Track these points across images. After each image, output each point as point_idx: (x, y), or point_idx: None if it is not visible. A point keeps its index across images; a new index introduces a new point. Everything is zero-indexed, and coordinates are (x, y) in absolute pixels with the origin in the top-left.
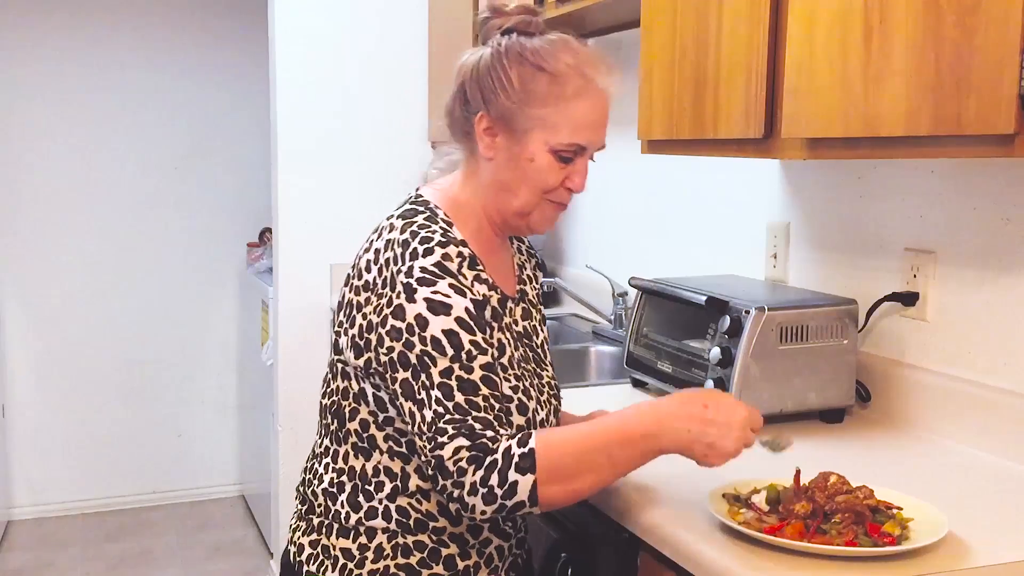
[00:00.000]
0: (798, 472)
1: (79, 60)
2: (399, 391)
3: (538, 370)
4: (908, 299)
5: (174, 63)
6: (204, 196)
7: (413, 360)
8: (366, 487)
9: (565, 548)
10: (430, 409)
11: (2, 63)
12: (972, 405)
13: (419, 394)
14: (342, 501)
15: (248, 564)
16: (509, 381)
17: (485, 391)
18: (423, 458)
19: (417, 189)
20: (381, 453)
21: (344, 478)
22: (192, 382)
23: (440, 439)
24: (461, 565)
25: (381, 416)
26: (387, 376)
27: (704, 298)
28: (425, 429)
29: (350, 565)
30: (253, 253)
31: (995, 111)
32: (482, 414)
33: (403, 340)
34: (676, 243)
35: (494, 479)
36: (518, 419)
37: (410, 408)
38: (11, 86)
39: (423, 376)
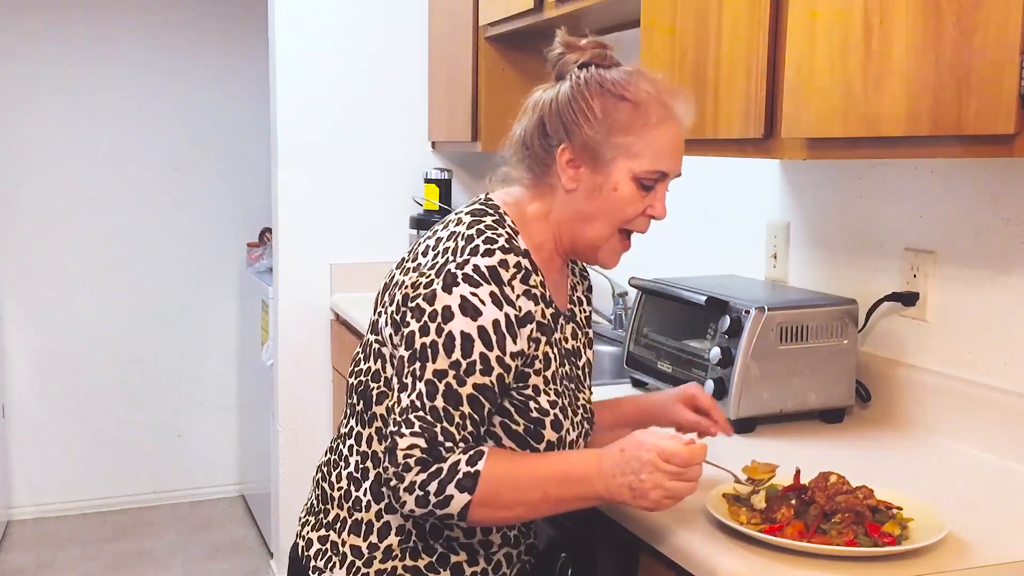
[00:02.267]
0: (798, 472)
1: (79, 60)
2: (394, 364)
3: (577, 391)
4: (908, 299)
5: (174, 63)
6: (204, 196)
7: (417, 345)
8: None
9: (565, 548)
10: (408, 397)
11: (2, 63)
12: (972, 405)
13: (406, 377)
14: (365, 488)
15: (248, 564)
16: (549, 396)
17: (466, 409)
18: (382, 437)
19: (487, 194)
20: None
21: (368, 463)
22: (192, 382)
23: (403, 429)
24: (468, 571)
25: None
26: (392, 348)
27: (704, 298)
28: (397, 412)
29: (358, 563)
30: (253, 253)
31: (995, 111)
32: (451, 428)
33: (421, 323)
34: (676, 243)
35: (433, 486)
36: (550, 435)
37: (395, 386)
38: (11, 86)
39: (418, 364)
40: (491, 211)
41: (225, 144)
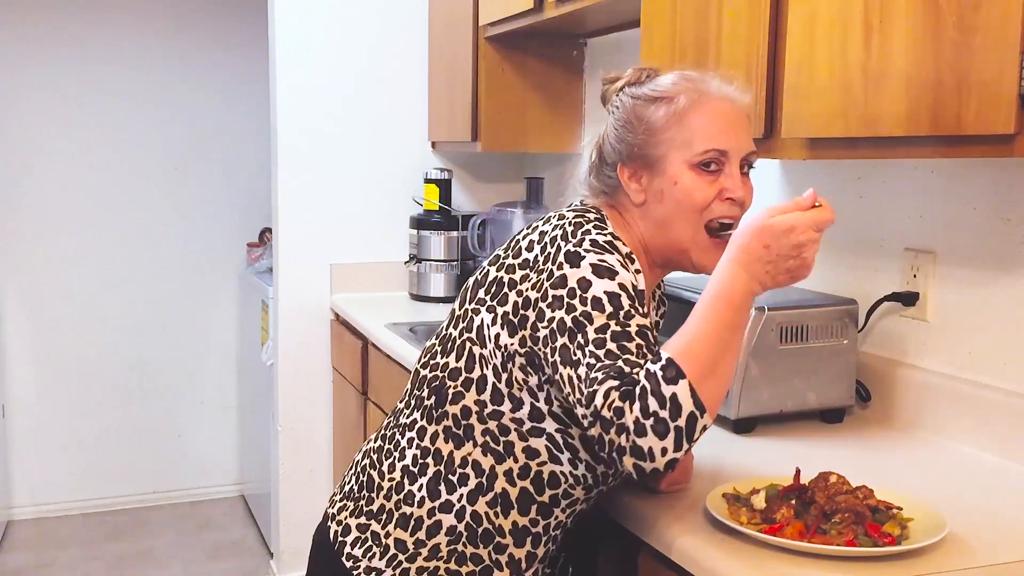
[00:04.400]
0: (798, 472)
1: (79, 60)
2: (558, 361)
3: None
4: (908, 299)
5: (174, 63)
6: (204, 196)
7: (570, 324)
8: (449, 476)
9: (565, 548)
10: (583, 365)
11: (2, 63)
12: (972, 405)
13: (575, 354)
14: (421, 484)
15: (248, 564)
16: None
17: (638, 341)
18: (586, 424)
19: (581, 200)
20: (475, 445)
21: (429, 459)
22: (192, 382)
23: (592, 388)
24: None
25: (489, 408)
26: (546, 351)
27: None
28: (582, 387)
29: (400, 557)
30: (253, 253)
31: (995, 111)
32: (633, 358)
33: (564, 306)
34: None
35: (653, 404)
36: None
37: (568, 374)
38: (11, 86)
39: (579, 336)
40: (593, 211)
41: (225, 144)
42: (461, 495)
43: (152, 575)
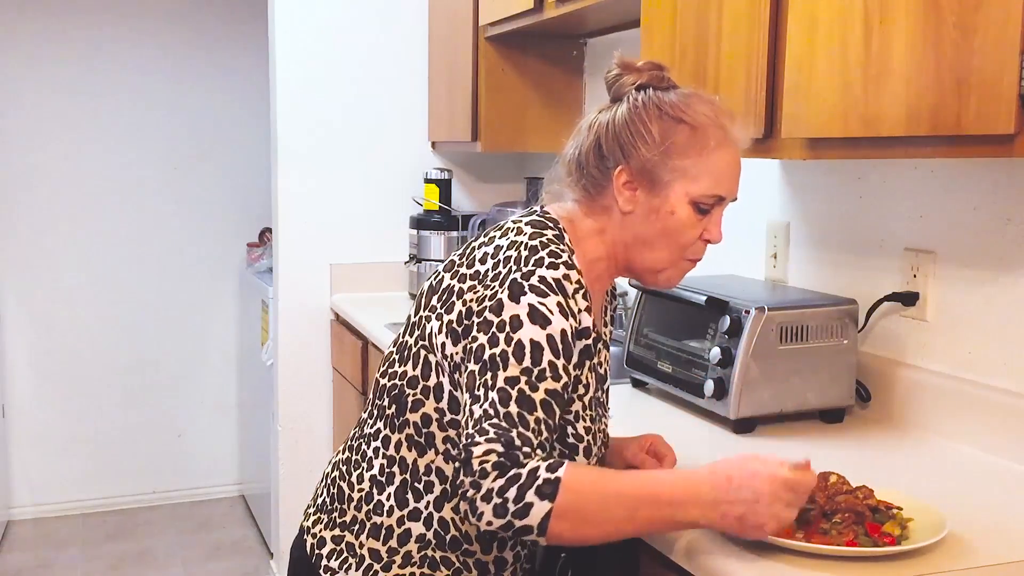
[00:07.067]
0: None
1: (79, 60)
2: (463, 382)
3: (601, 418)
4: (908, 299)
5: (174, 63)
6: (204, 196)
7: (486, 357)
8: (415, 484)
9: (565, 548)
10: (480, 407)
11: (2, 63)
12: (972, 405)
13: (478, 390)
14: (389, 493)
15: (248, 564)
16: (584, 422)
17: (540, 414)
18: (456, 450)
19: (542, 206)
20: (436, 453)
21: (395, 468)
22: (192, 382)
23: (477, 438)
24: None
25: (448, 416)
26: (462, 365)
27: (704, 298)
28: (470, 424)
29: (376, 566)
30: (253, 253)
31: (995, 111)
32: (527, 433)
33: (489, 335)
34: None
35: (511, 493)
36: (582, 461)
37: (465, 399)
38: (11, 86)
39: (488, 375)
40: (551, 225)
41: (225, 144)
42: (428, 502)
43: (152, 575)
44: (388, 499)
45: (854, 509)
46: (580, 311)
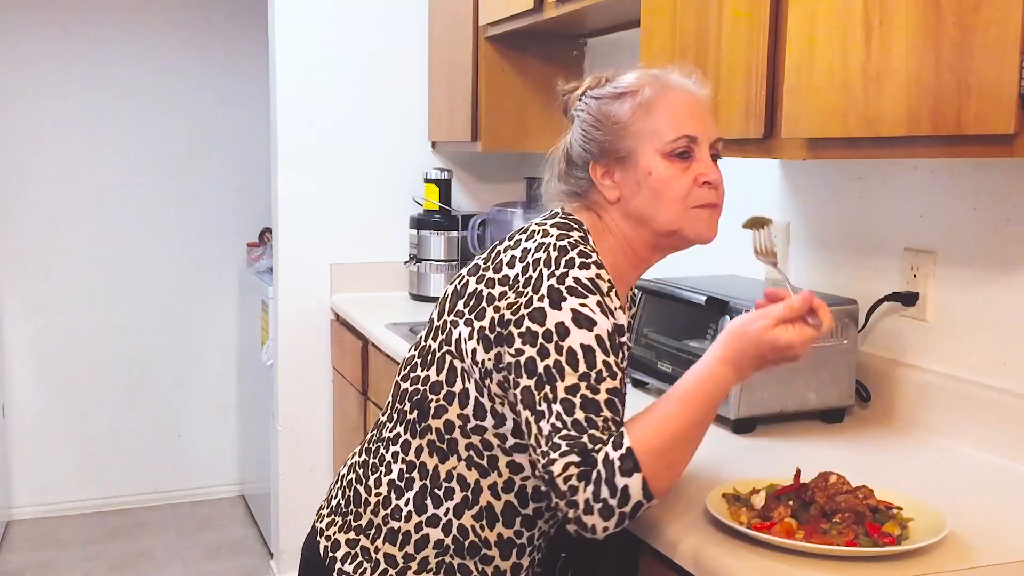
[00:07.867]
0: (798, 472)
1: (79, 60)
2: (519, 397)
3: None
4: (908, 299)
5: (174, 63)
6: (204, 196)
7: (540, 369)
8: (435, 490)
9: (565, 547)
10: (547, 422)
11: (2, 63)
12: (972, 405)
13: (539, 405)
14: (408, 499)
15: (248, 564)
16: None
17: (607, 413)
18: (537, 472)
19: (563, 208)
20: (459, 459)
21: (415, 474)
22: (192, 382)
23: (553, 455)
24: None
25: (472, 423)
26: (511, 378)
27: (704, 298)
28: (542, 442)
29: (391, 571)
30: (253, 253)
31: (995, 111)
32: (598, 434)
33: (537, 346)
34: None
35: (604, 491)
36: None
37: (527, 417)
38: (11, 86)
39: (547, 388)
40: (576, 226)
41: (225, 144)
42: (447, 509)
43: (152, 575)
44: (407, 504)
45: (854, 509)
46: (616, 308)
